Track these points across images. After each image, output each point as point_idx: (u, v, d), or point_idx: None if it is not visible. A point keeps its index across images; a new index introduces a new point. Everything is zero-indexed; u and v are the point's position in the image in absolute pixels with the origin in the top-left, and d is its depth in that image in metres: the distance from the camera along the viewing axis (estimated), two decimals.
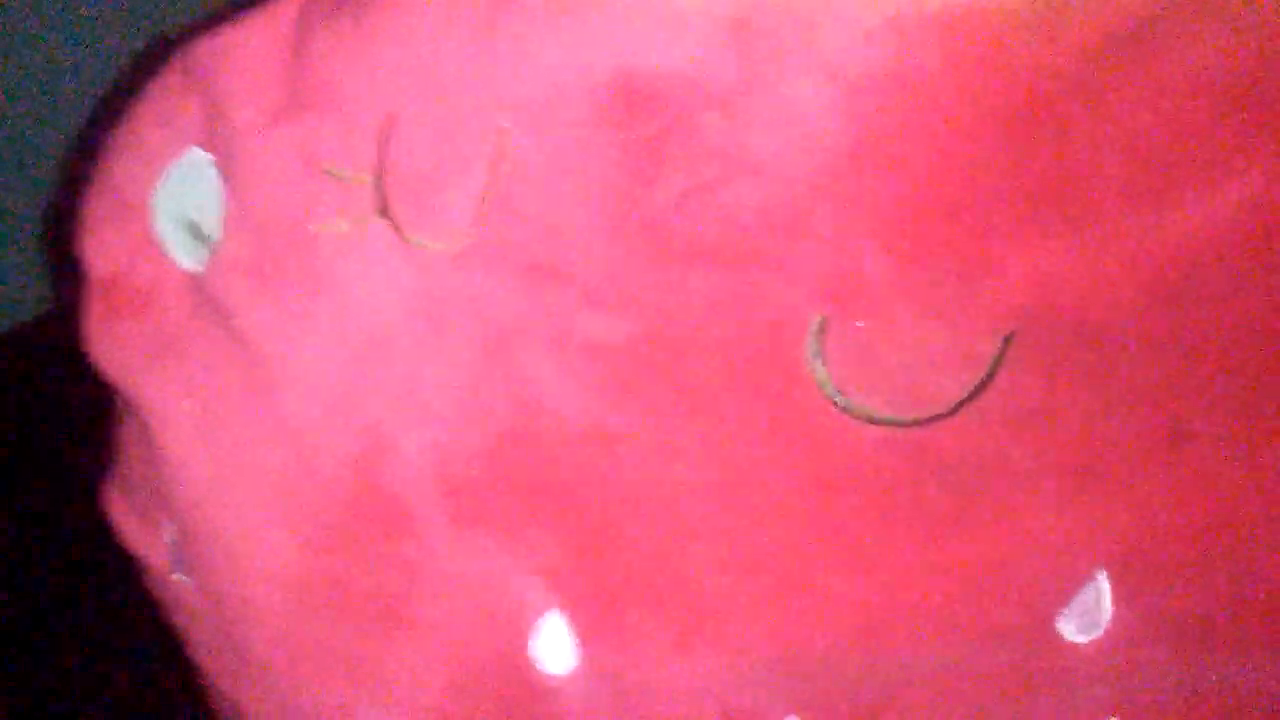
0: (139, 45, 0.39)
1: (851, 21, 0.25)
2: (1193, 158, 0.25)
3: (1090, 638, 0.27)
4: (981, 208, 0.25)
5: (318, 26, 0.30)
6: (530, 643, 0.28)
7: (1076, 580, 0.27)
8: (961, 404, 0.26)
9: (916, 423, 0.26)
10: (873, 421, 0.26)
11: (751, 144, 0.25)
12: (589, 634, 0.28)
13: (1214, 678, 0.28)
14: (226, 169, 0.30)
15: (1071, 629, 0.27)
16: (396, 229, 0.28)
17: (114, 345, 0.32)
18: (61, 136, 0.42)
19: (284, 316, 0.29)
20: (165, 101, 0.32)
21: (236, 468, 0.30)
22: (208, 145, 0.31)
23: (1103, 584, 0.27)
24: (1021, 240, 0.25)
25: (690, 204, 0.26)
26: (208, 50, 0.31)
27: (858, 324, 0.26)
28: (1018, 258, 0.25)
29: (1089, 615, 0.27)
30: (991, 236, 0.25)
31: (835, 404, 0.26)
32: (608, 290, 0.26)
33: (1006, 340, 0.26)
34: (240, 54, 0.31)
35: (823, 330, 0.26)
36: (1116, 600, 0.27)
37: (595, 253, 0.26)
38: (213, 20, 0.32)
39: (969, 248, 0.25)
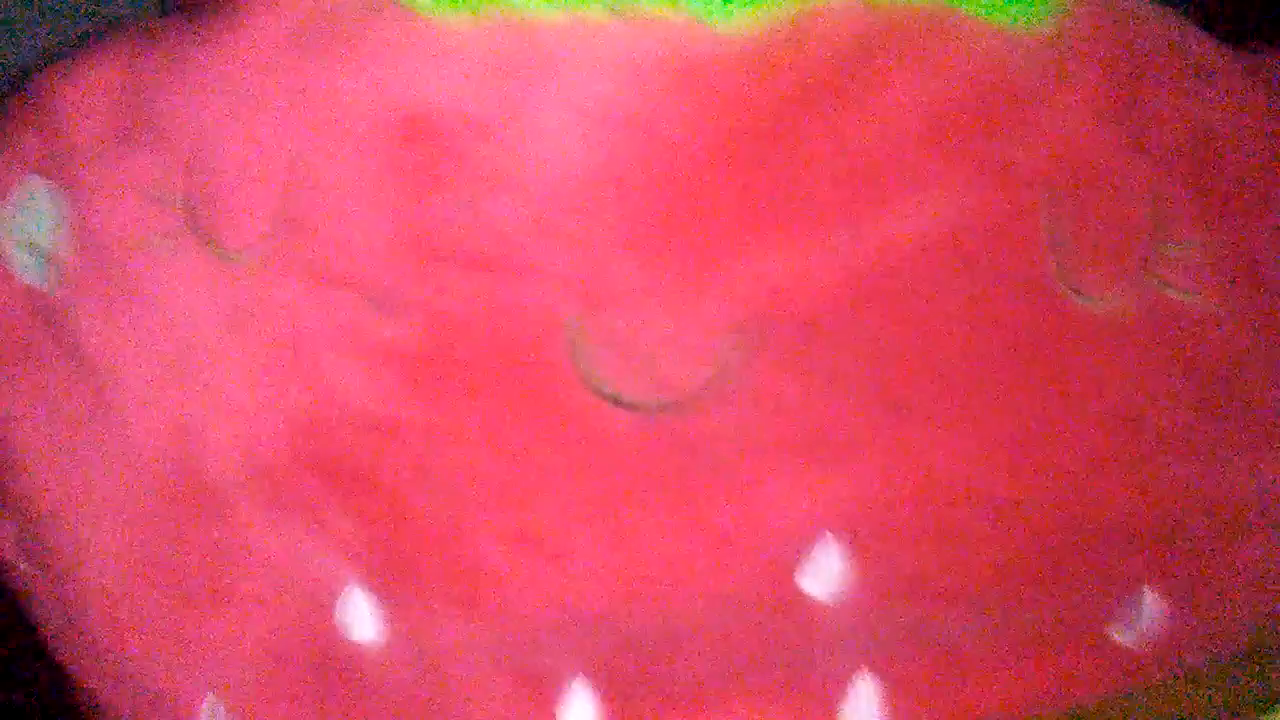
0: None
1: (593, 63, 0.29)
2: (891, 178, 0.30)
3: (828, 594, 0.31)
4: (707, 220, 0.29)
5: (148, 62, 0.33)
6: (336, 614, 0.32)
7: (812, 541, 0.31)
8: (705, 390, 0.30)
9: (665, 407, 0.30)
10: (628, 407, 0.30)
11: (510, 167, 0.29)
12: (387, 604, 0.31)
13: (939, 627, 0.32)
14: (65, 193, 0.33)
15: (811, 586, 0.31)
16: (205, 243, 0.31)
17: None
18: None
19: (112, 326, 0.32)
20: (9, 134, 0.35)
21: (70, 462, 0.33)
22: (47, 171, 0.34)
23: (833, 544, 0.31)
24: (747, 249, 0.29)
25: (459, 219, 0.30)
26: (47, 84, 0.34)
27: (609, 321, 0.30)
28: (741, 263, 0.29)
29: (824, 573, 0.31)
30: (721, 246, 0.29)
31: (595, 392, 0.30)
32: (392, 296, 0.30)
33: (743, 334, 0.30)
34: (76, 91, 0.34)
35: (581, 327, 0.30)
36: (846, 559, 0.31)
37: (379, 263, 0.30)
38: (53, 55, 0.35)
39: (698, 254, 0.29)
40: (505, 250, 0.30)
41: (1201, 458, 0.31)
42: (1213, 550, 0.32)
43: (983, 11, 0.30)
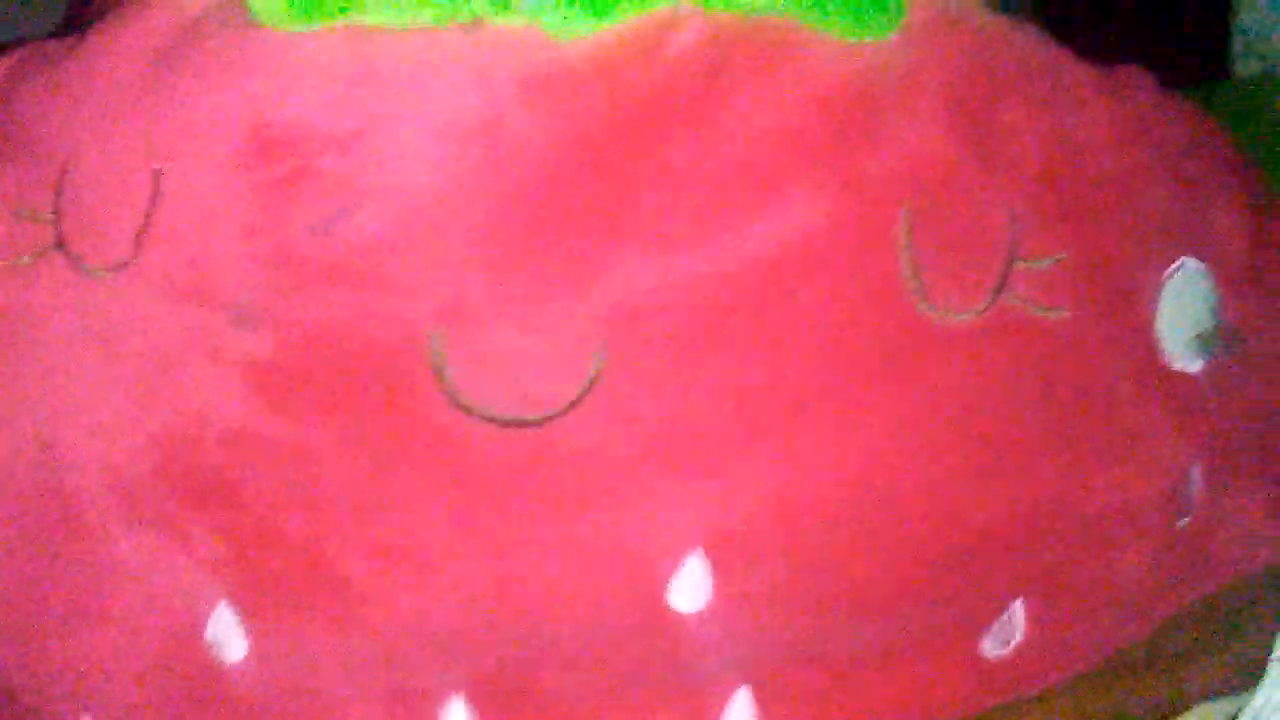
0: None
1: (446, 79, 0.29)
2: (745, 191, 0.30)
3: (696, 608, 0.31)
4: (564, 234, 0.30)
5: (23, 82, 0.33)
6: (205, 631, 0.31)
7: (678, 557, 0.31)
8: (571, 405, 0.30)
9: (532, 422, 0.30)
10: (492, 421, 0.30)
11: (364, 182, 0.29)
12: (254, 621, 0.31)
13: (811, 641, 0.32)
14: None
15: (681, 601, 0.31)
16: (71, 259, 0.31)
17: None
18: None
19: None
20: None
21: None
22: None
23: (701, 558, 0.31)
24: (602, 262, 0.30)
25: (317, 234, 0.30)
26: None
27: (471, 335, 0.30)
28: (600, 277, 0.30)
29: (693, 588, 0.31)
30: (575, 259, 0.30)
31: (459, 408, 0.30)
32: (253, 310, 0.30)
33: (604, 348, 0.30)
34: None
35: (443, 341, 0.30)
36: (714, 573, 0.31)
37: (240, 278, 0.30)
38: None
39: (556, 269, 0.30)
40: (362, 263, 0.30)
41: (1061, 470, 0.32)
42: (1077, 562, 0.32)
43: (826, 25, 0.30)
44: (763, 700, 0.32)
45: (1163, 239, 0.33)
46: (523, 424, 0.30)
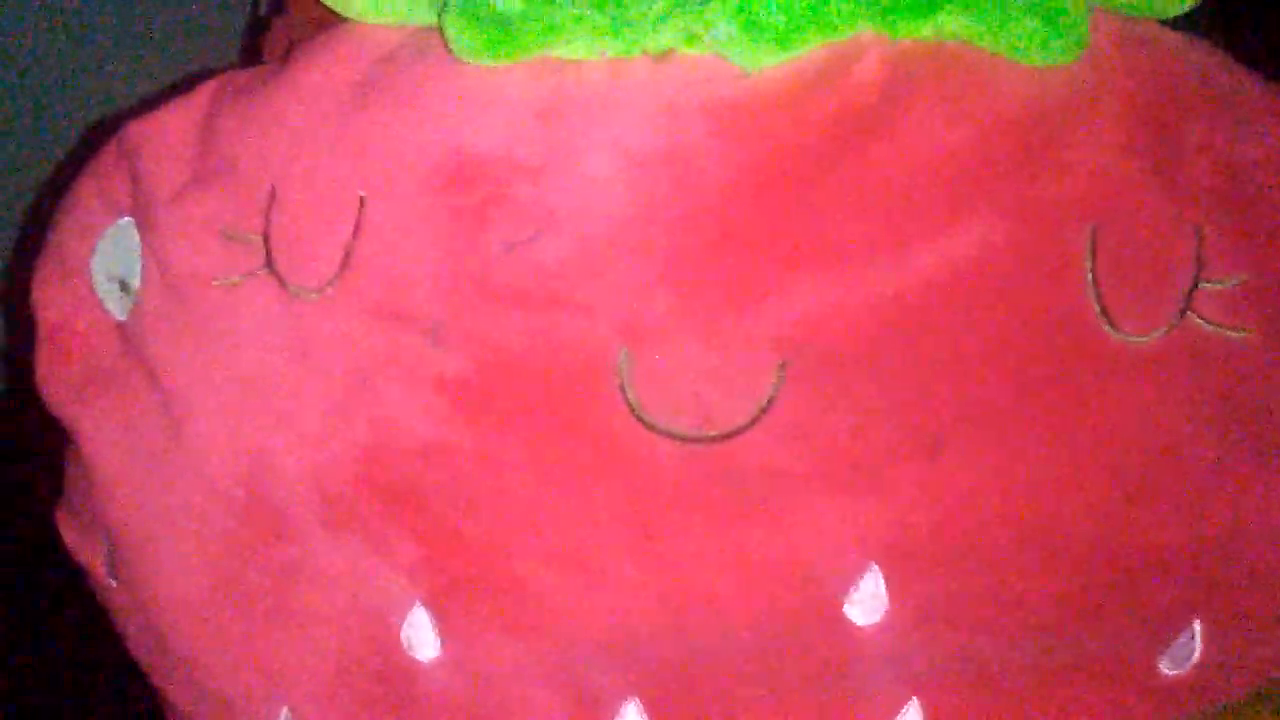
0: (82, 127, 0.45)
1: (634, 109, 0.31)
2: (925, 212, 0.30)
3: (872, 621, 0.32)
4: (746, 257, 0.30)
5: (223, 111, 0.35)
6: (400, 633, 0.33)
7: (855, 571, 0.31)
8: (750, 423, 0.31)
9: (712, 439, 0.31)
10: (674, 437, 0.31)
11: (555, 207, 0.31)
12: (446, 624, 0.33)
13: (984, 656, 0.32)
14: (145, 233, 0.35)
15: (857, 614, 0.32)
16: (278, 279, 0.33)
17: (57, 384, 0.37)
18: (22, 205, 0.48)
19: (189, 357, 0.34)
20: (101, 176, 0.37)
21: (153, 487, 0.35)
22: (133, 213, 0.36)
23: (877, 574, 0.32)
24: (782, 283, 0.30)
25: (509, 258, 0.31)
26: (134, 132, 0.37)
27: (655, 355, 0.31)
28: (780, 298, 0.30)
29: (869, 602, 0.32)
30: (757, 281, 0.30)
31: (642, 424, 0.31)
32: (447, 330, 0.32)
33: (782, 367, 0.31)
34: (160, 135, 0.36)
35: (628, 360, 0.31)
36: (890, 589, 0.31)
37: (436, 299, 0.32)
38: (146, 104, 0.38)
39: (739, 290, 0.30)
40: (552, 285, 0.31)
41: (1241, 490, 0.31)
42: (1256, 582, 0.32)
43: (1008, 50, 0.31)
44: (932, 713, 0.33)
45: None
46: (703, 440, 0.31)
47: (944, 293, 0.30)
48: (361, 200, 0.32)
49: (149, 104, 0.37)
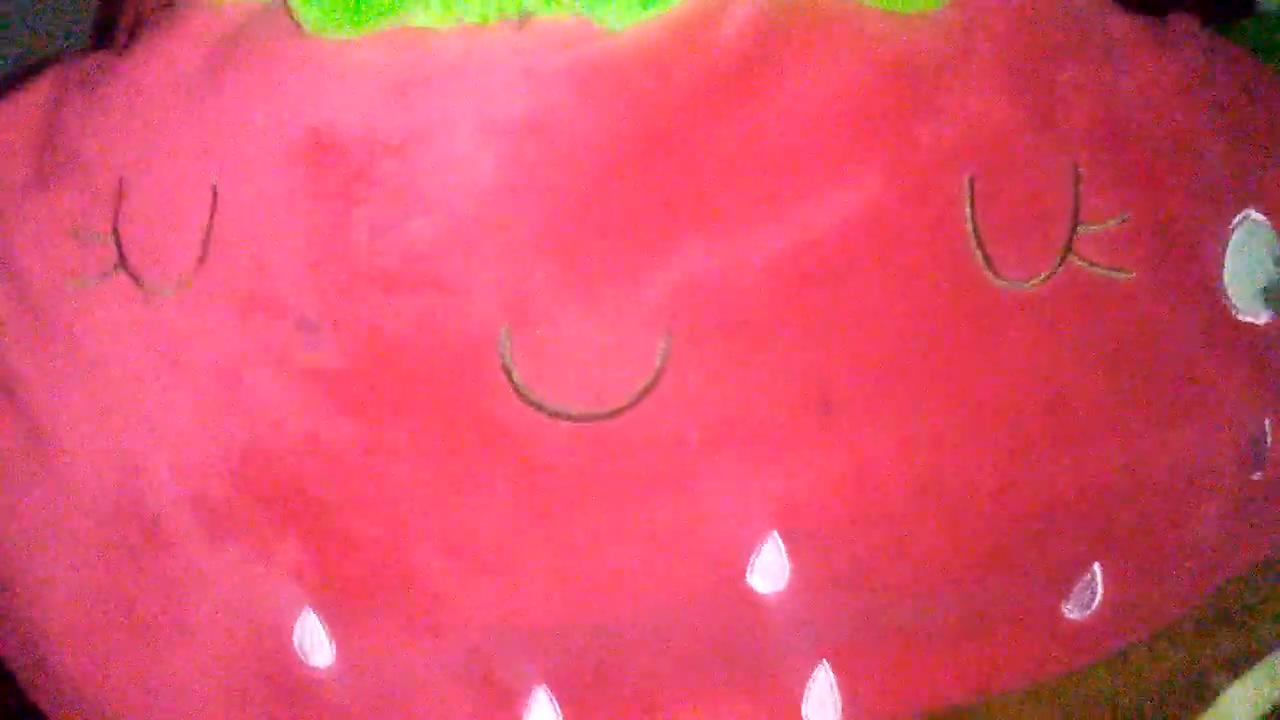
0: None
1: (496, 76, 0.29)
2: (807, 169, 0.30)
3: (775, 589, 0.31)
4: (622, 224, 0.29)
5: (64, 102, 0.33)
6: (293, 640, 0.32)
7: (755, 539, 0.31)
8: (640, 395, 0.30)
9: (602, 415, 0.30)
10: (563, 416, 0.30)
11: (422, 185, 0.29)
12: (339, 627, 0.31)
13: (892, 615, 0.32)
14: None
15: (759, 583, 0.31)
16: (133, 279, 0.31)
17: None
18: None
19: (45, 366, 0.32)
20: None
21: (20, 508, 0.33)
22: None
23: (777, 541, 0.31)
24: (661, 249, 0.30)
25: (376, 239, 0.30)
26: None
27: (538, 332, 0.30)
28: (660, 265, 0.29)
29: (771, 570, 0.31)
30: (635, 248, 0.29)
31: (530, 404, 0.30)
32: (318, 318, 0.30)
33: (668, 336, 0.30)
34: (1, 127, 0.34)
35: (510, 340, 0.30)
36: (791, 554, 0.31)
37: (303, 286, 0.30)
38: None
39: (617, 259, 0.29)
40: (426, 267, 0.30)
41: (1134, 432, 0.31)
42: (1153, 522, 0.32)
43: None
44: (844, 675, 0.32)
45: (1224, 193, 0.33)
46: (594, 418, 0.30)
47: (826, 250, 0.30)
48: (215, 188, 0.30)
49: None
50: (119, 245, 0.31)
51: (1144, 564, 0.33)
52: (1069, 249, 0.31)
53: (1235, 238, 0.33)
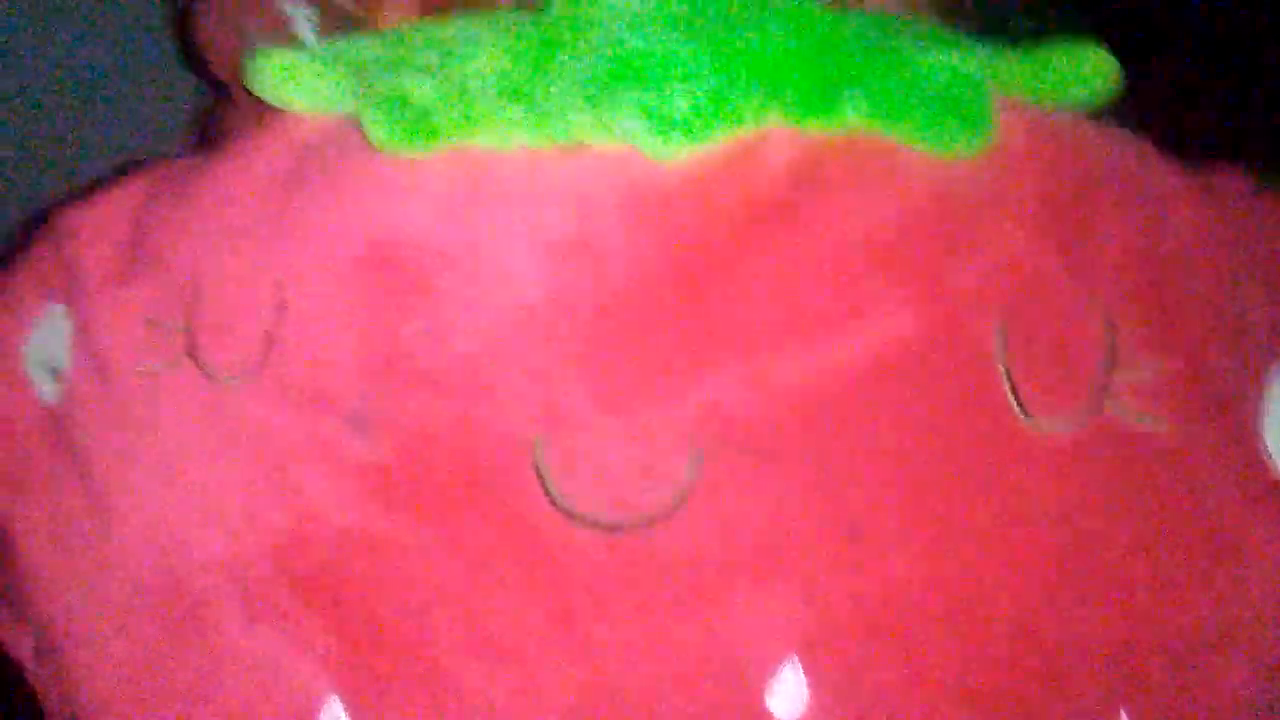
0: (23, 214, 0.46)
1: (548, 198, 0.31)
2: (837, 302, 0.31)
3: (794, 713, 0.31)
4: (658, 345, 0.30)
5: (155, 200, 0.36)
6: None
7: (775, 661, 0.31)
8: (669, 511, 0.31)
9: (628, 527, 0.31)
10: (593, 526, 0.31)
11: (472, 296, 0.31)
12: (362, 716, 0.32)
13: None
14: (76, 320, 0.36)
15: (778, 707, 0.31)
16: (200, 366, 0.33)
17: None
18: None
19: (114, 445, 0.34)
20: (35, 263, 0.38)
21: (79, 578, 0.35)
22: (65, 300, 0.36)
23: (796, 665, 0.31)
24: (695, 371, 0.30)
25: (426, 344, 0.31)
26: (69, 219, 0.37)
27: (572, 442, 0.31)
28: (693, 386, 0.30)
29: (790, 694, 0.31)
30: (669, 369, 0.30)
31: (562, 512, 0.31)
32: (366, 415, 0.31)
33: (698, 455, 0.31)
34: (93, 223, 0.37)
35: (544, 448, 0.31)
36: (810, 680, 0.31)
37: (355, 385, 0.32)
38: (85, 191, 0.38)
39: (651, 378, 0.30)
40: (470, 374, 0.31)
41: (1164, 583, 0.31)
42: (1181, 677, 0.31)
43: (914, 140, 0.31)
44: None
45: (1262, 343, 0.33)
46: (623, 528, 0.31)
47: (857, 382, 0.30)
48: (280, 287, 0.32)
49: (87, 192, 0.38)
50: (190, 335, 0.33)
51: (1173, 716, 0.32)
52: (1103, 396, 0.31)
53: (1274, 388, 0.33)
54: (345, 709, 0.32)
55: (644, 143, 0.31)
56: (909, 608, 0.31)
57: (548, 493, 0.31)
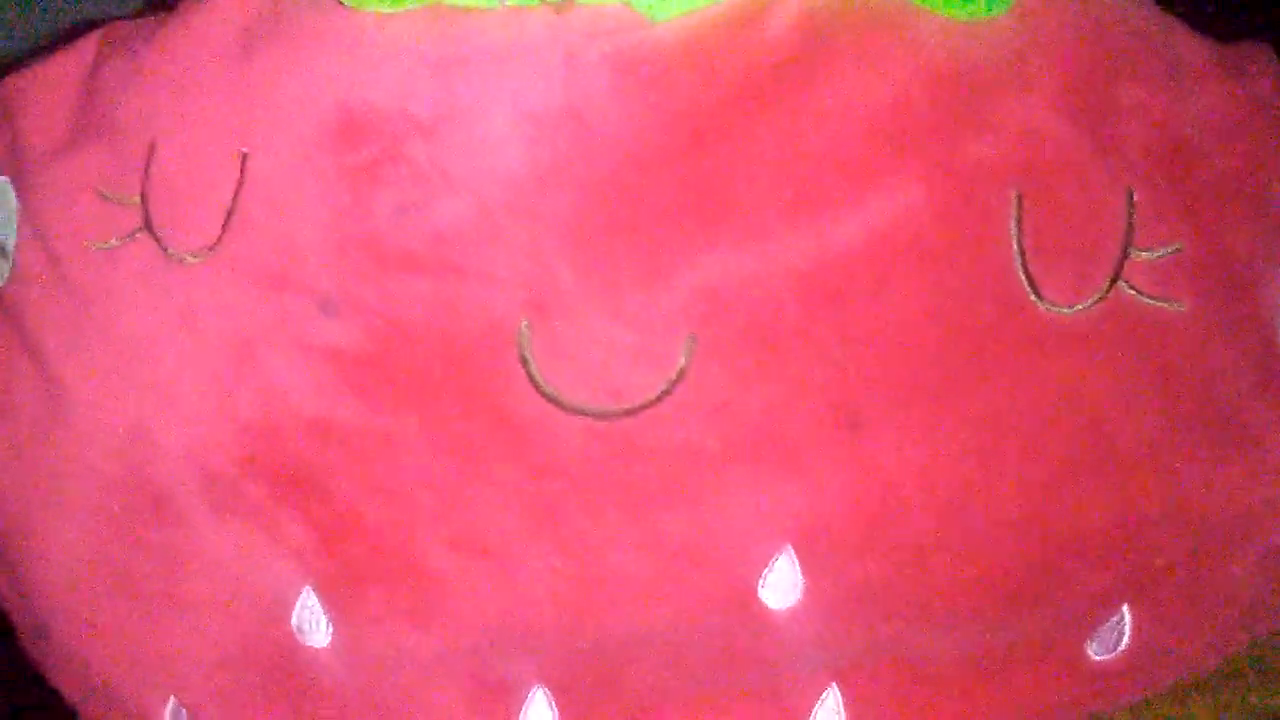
0: None
1: (533, 61, 0.29)
2: (843, 176, 0.29)
3: (787, 605, 0.30)
4: (652, 222, 0.29)
5: (106, 63, 0.33)
6: (290, 618, 0.31)
7: (768, 553, 0.30)
8: (659, 396, 0.29)
9: (619, 414, 0.29)
10: (580, 413, 0.29)
11: (451, 168, 0.29)
12: (339, 609, 0.31)
13: (906, 642, 0.31)
14: (22, 194, 0.33)
15: (771, 598, 0.30)
16: (157, 242, 0.31)
17: None
18: None
19: (66, 325, 0.32)
20: None
21: (32, 465, 0.33)
22: (10, 172, 0.34)
23: (791, 556, 0.30)
24: (691, 251, 0.29)
25: (402, 220, 0.29)
26: (11, 87, 0.34)
27: (560, 327, 0.29)
28: (689, 266, 0.29)
29: (783, 585, 0.30)
30: (663, 248, 0.29)
31: (547, 398, 0.29)
32: (338, 298, 0.30)
33: (692, 339, 0.29)
34: (38, 90, 0.34)
35: (530, 332, 0.29)
36: (805, 571, 0.30)
37: (325, 265, 0.30)
38: (31, 56, 0.35)
39: (644, 258, 0.29)
40: (450, 252, 0.29)
41: (1174, 471, 0.30)
42: (1188, 567, 0.31)
43: (934, 3, 0.29)
44: (852, 700, 0.31)
45: None
46: (610, 415, 0.29)
47: (862, 262, 0.29)
48: (244, 157, 0.30)
49: (34, 56, 0.35)
50: (145, 208, 0.31)
51: (1177, 608, 0.31)
52: (1118, 275, 0.29)
53: None
54: (321, 600, 0.31)
55: (640, 1, 0.28)
56: (909, 498, 0.29)
57: (532, 378, 0.29)
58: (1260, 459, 0.31)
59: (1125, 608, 0.31)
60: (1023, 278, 0.29)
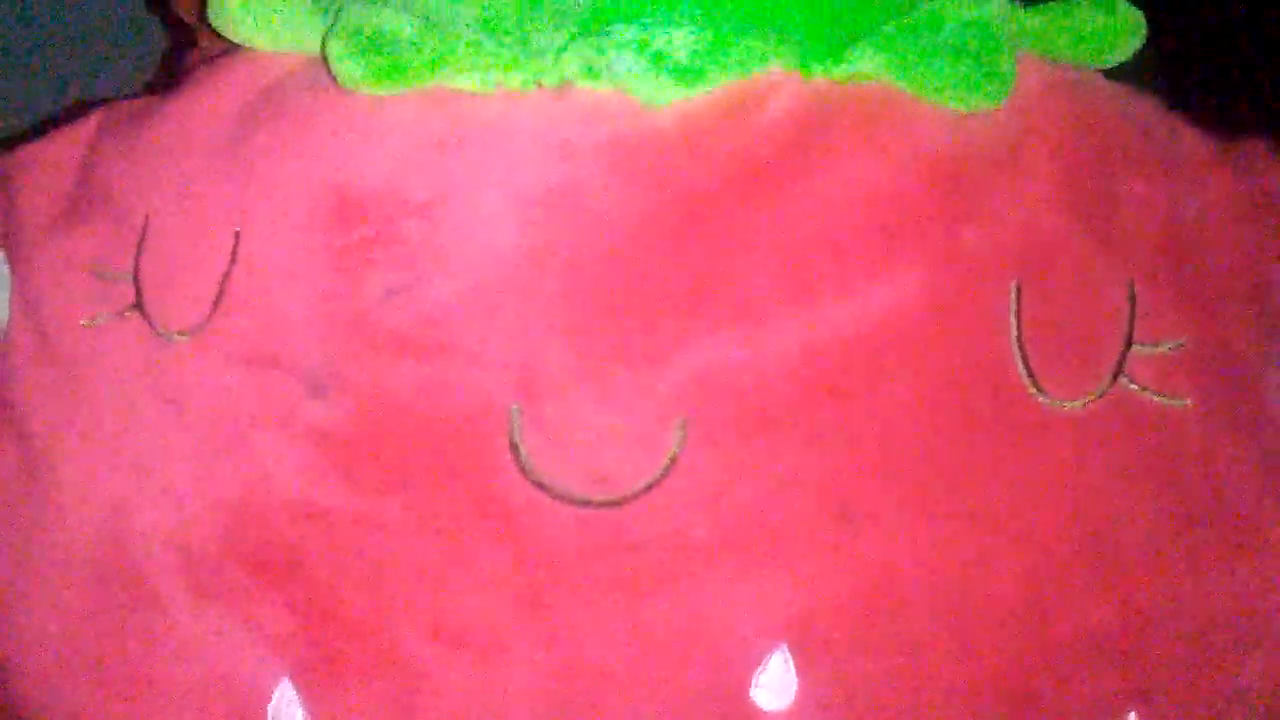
0: None
1: (529, 144, 0.29)
2: (839, 264, 0.28)
3: (781, 706, 0.29)
4: (646, 305, 0.28)
5: (105, 140, 0.33)
6: (266, 709, 0.30)
7: (762, 650, 0.29)
8: (649, 486, 0.29)
9: (609, 503, 0.29)
10: (570, 501, 0.29)
11: (444, 248, 0.29)
12: (316, 700, 0.30)
13: None
14: (15, 268, 0.33)
15: (764, 698, 0.29)
16: (147, 321, 0.30)
17: None
18: None
19: (53, 401, 0.32)
20: None
21: (12, 541, 0.32)
22: (4, 246, 0.34)
23: (785, 654, 0.29)
24: (684, 335, 0.28)
25: (393, 301, 0.29)
26: (9, 162, 0.35)
27: (549, 411, 0.28)
28: (682, 351, 0.28)
29: (778, 684, 0.29)
30: (657, 332, 0.28)
31: (535, 484, 0.29)
32: (326, 379, 0.29)
33: (683, 426, 0.28)
34: (36, 165, 0.34)
35: (520, 416, 0.29)
36: (799, 669, 0.29)
37: (314, 344, 0.29)
38: (33, 132, 0.35)
39: (637, 341, 0.28)
40: (438, 333, 0.29)
41: (1178, 570, 0.29)
42: (1196, 670, 0.30)
43: (928, 91, 0.29)
44: None
45: None
46: (599, 504, 0.29)
47: (858, 351, 0.28)
48: (237, 236, 0.30)
49: (35, 133, 0.35)
50: (137, 287, 0.31)
51: (1184, 714, 0.30)
52: (1120, 370, 0.29)
53: None
54: (298, 693, 0.30)
55: (636, 85, 0.28)
56: (905, 594, 0.29)
57: (520, 464, 0.29)
58: (1268, 561, 0.30)
59: (1132, 716, 0.30)
60: (1022, 370, 0.29)
